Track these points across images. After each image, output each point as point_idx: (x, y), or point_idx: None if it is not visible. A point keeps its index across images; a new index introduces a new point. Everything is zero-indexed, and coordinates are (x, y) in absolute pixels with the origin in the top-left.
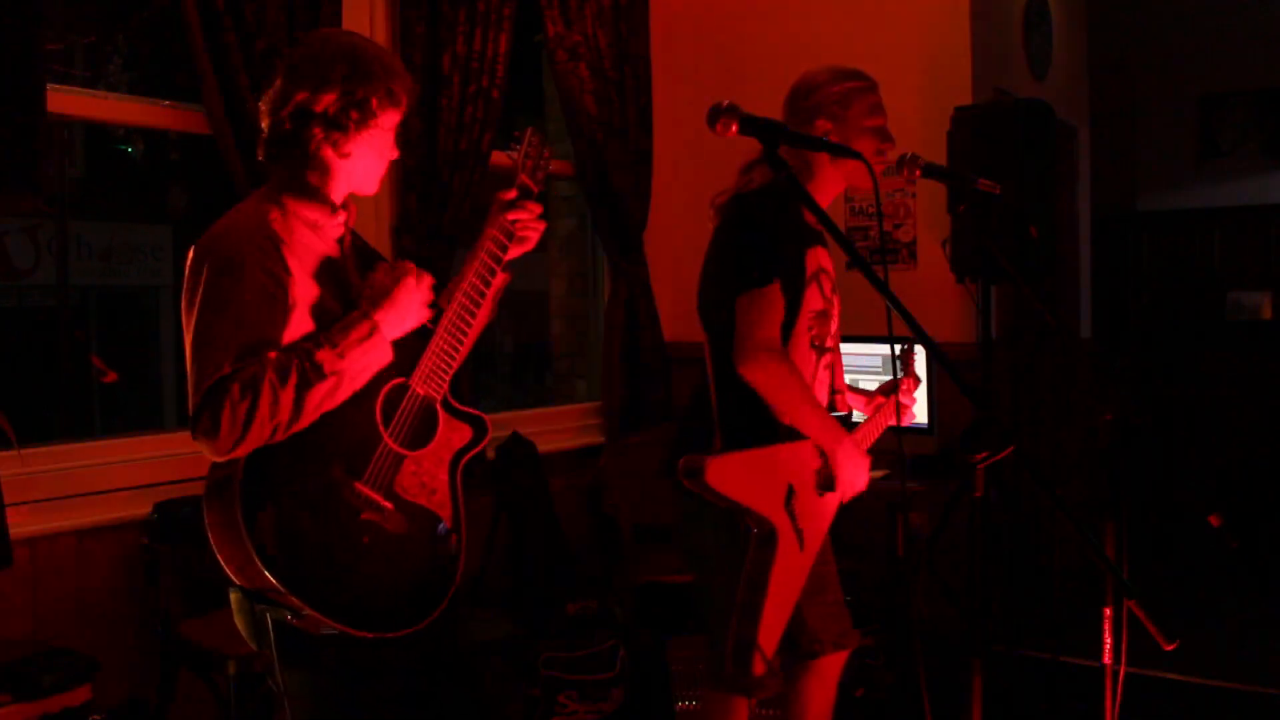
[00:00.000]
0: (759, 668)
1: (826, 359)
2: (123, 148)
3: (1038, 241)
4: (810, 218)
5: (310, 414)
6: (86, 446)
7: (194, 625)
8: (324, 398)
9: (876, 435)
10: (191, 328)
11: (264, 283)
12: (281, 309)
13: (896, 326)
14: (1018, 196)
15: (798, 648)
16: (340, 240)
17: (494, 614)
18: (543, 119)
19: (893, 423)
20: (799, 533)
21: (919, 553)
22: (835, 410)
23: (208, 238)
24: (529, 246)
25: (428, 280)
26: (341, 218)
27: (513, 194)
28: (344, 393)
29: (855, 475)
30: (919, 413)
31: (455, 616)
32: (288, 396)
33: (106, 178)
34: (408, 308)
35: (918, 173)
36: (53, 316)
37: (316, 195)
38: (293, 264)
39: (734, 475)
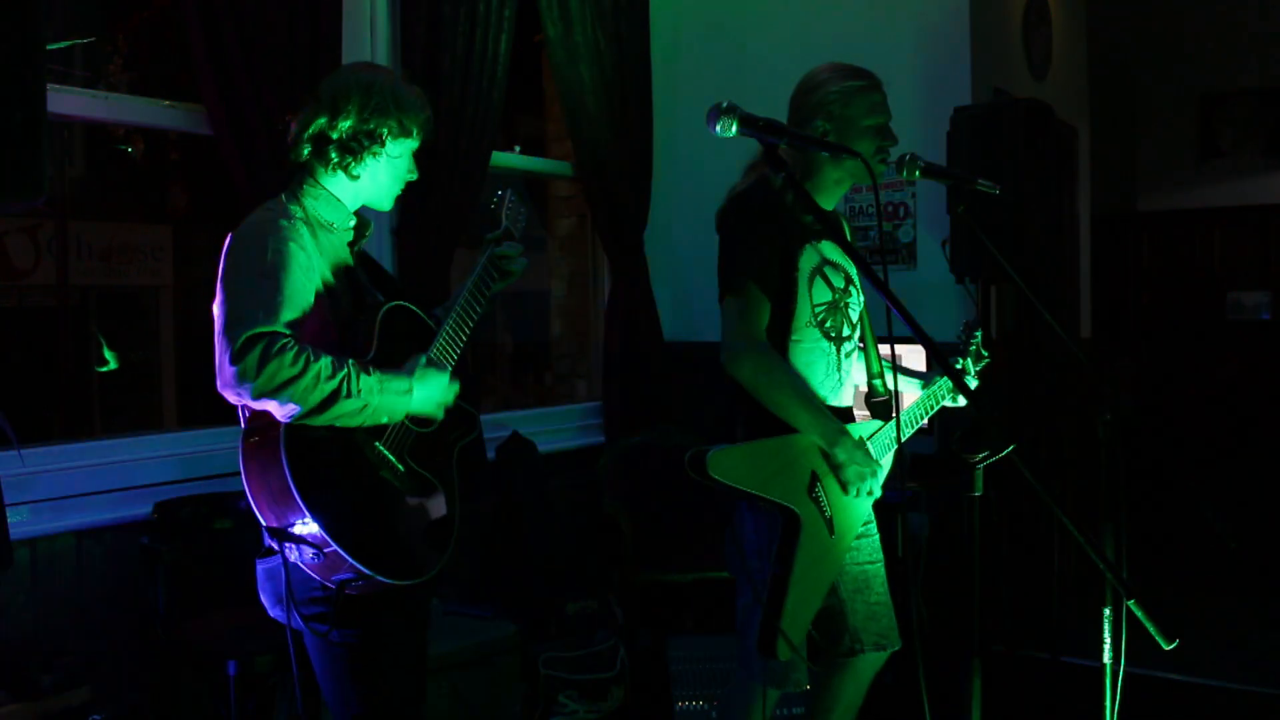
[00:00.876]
0: (783, 652)
1: (847, 348)
2: (123, 148)
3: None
4: (804, 210)
5: (327, 418)
6: (86, 446)
7: (194, 625)
8: (346, 415)
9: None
10: (231, 283)
11: (303, 268)
12: (309, 302)
13: (896, 327)
14: (1018, 196)
15: (838, 645)
16: (350, 245)
17: (494, 614)
18: (543, 119)
19: (948, 404)
20: (827, 519)
21: (919, 553)
22: (877, 395)
23: (249, 225)
24: (511, 279)
25: (454, 391)
26: (351, 224)
27: (500, 233)
28: (359, 421)
29: (857, 473)
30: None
31: (437, 582)
32: (323, 391)
33: (106, 178)
34: (434, 399)
35: (917, 172)
36: (53, 316)
37: (332, 201)
38: (318, 257)
39: (738, 466)
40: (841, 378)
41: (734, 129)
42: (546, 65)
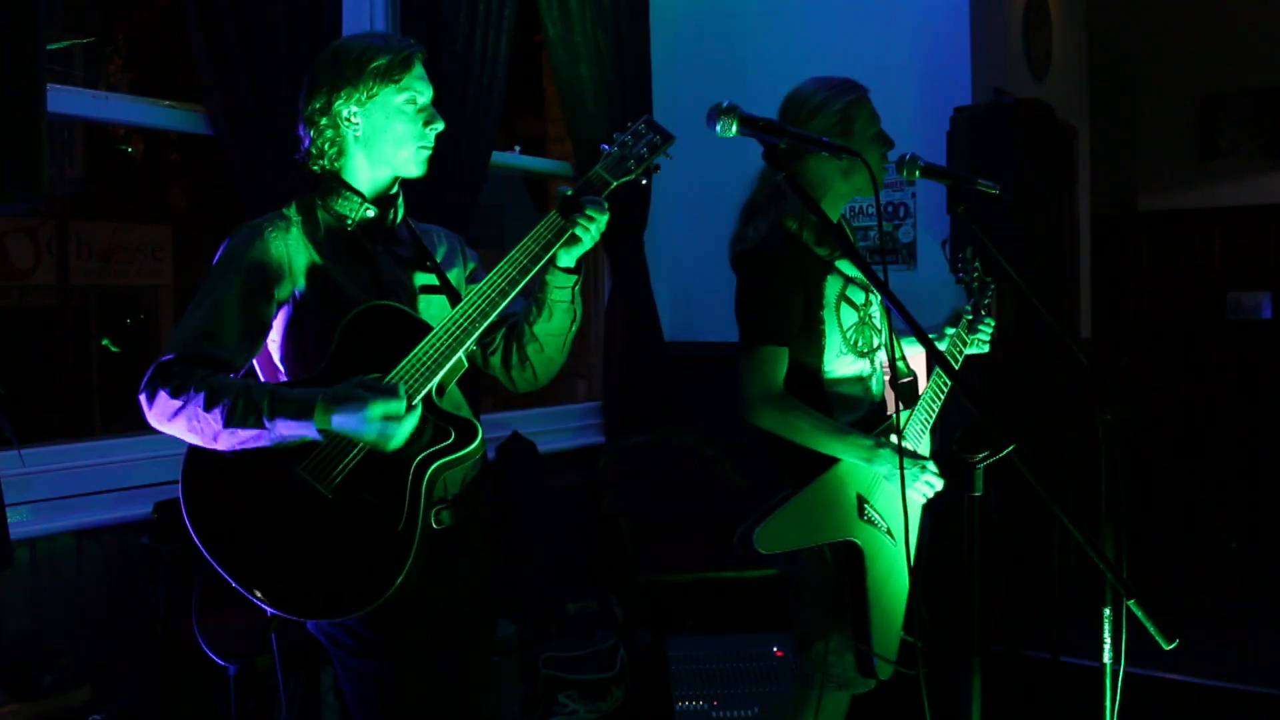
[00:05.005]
0: (883, 672)
1: (877, 356)
2: (123, 148)
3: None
4: (820, 241)
5: (236, 444)
6: (86, 446)
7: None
8: (249, 440)
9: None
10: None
11: (253, 287)
12: (261, 314)
13: (897, 326)
14: (1018, 197)
15: None
16: (373, 229)
17: None
18: (543, 119)
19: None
20: (886, 531)
21: (918, 553)
22: (901, 376)
23: (237, 229)
24: (584, 244)
25: (404, 421)
26: (364, 207)
27: (568, 186)
28: (269, 443)
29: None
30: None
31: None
32: (207, 424)
33: (106, 178)
34: (359, 427)
35: (917, 172)
36: (53, 316)
37: (341, 192)
38: (305, 258)
39: (785, 532)
40: (879, 389)
41: (734, 129)
42: (547, 65)
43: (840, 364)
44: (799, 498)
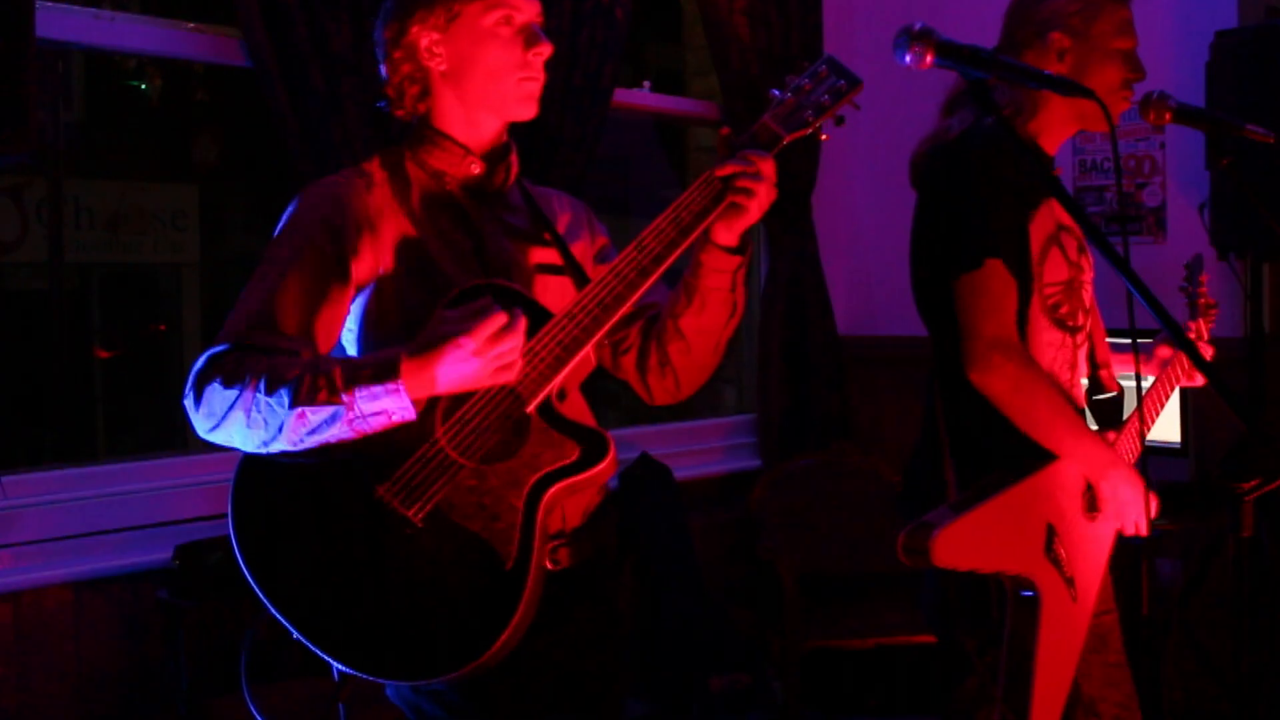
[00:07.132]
0: None
1: (1080, 338)
2: (134, 84)
3: None
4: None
5: (307, 434)
6: (87, 473)
7: (228, 705)
8: (322, 425)
9: (1156, 414)
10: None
11: (326, 262)
12: (337, 296)
13: (1139, 315)
14: None
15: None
16: (479, 190)
17: None
18: (680, 46)
19: (1183, 383)
20: (1068, 580)
21: (1170, 611)
22: (1101, 392)
23: (304, 189)
24: (748, 215)
25: (507, 337)
26: (469, 162)
27: (727, 133)
28: (349, 432)
29: (1130, 507)
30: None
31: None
32: (274, 408)
33: (113, 123)
34: (456, 375)
35: (1167, 116)
36: (44, 303)
37: (438, 139)
38: (392, 226)
39: (968, 543)
40: (1076, 380)
41: (928, 59)
42: None
43: (1038, 328)
44: (988, 503)
